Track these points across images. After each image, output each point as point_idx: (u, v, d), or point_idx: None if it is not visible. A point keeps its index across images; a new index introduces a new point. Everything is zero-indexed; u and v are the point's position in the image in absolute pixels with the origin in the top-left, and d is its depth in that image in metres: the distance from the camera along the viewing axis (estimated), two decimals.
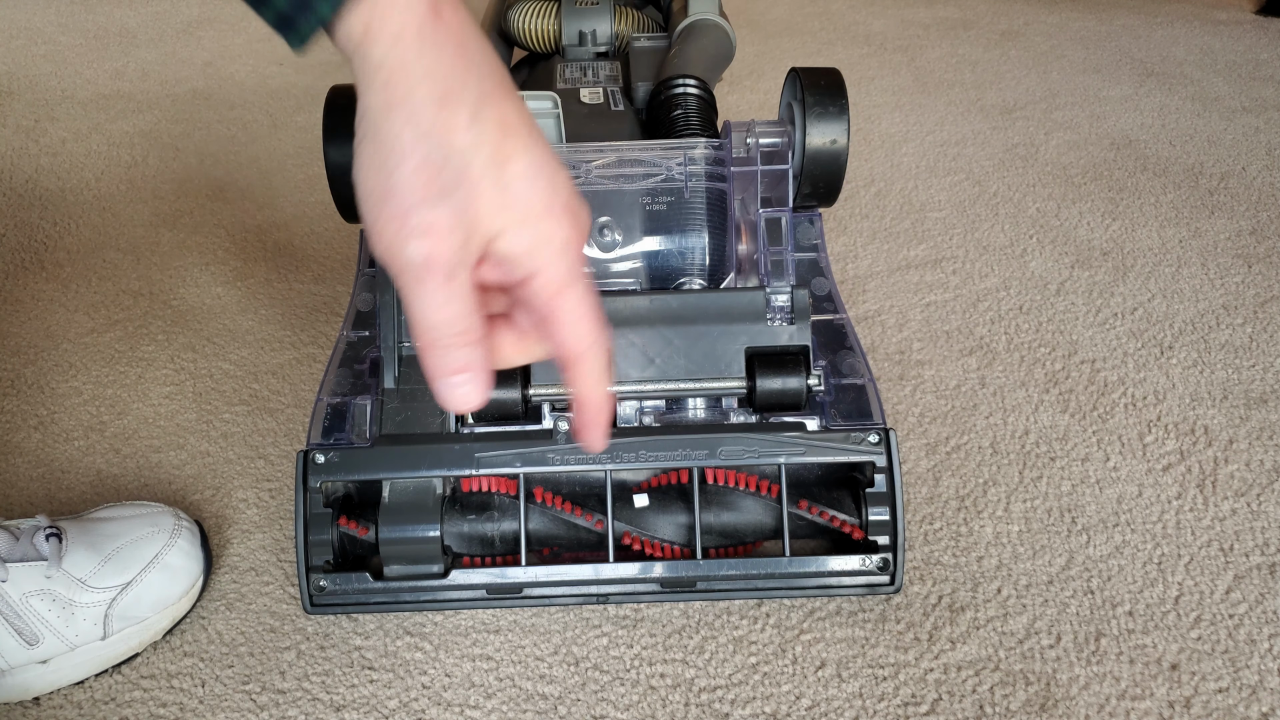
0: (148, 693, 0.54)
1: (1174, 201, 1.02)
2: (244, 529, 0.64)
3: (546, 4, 1.03)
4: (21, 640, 0.52)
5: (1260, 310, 0.84)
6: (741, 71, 1.38)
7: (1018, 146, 1.14)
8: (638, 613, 0.58)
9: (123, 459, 0.70)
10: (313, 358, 0.80)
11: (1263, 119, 1.20)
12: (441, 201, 0.33)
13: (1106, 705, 0.52)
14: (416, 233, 0.33)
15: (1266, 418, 0.72)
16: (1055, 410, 0.73)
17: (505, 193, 0.34)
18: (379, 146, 0.33)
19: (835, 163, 0.64)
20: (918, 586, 0.59)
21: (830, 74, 0.65)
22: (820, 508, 0.58)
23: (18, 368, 0.80)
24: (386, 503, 0.56)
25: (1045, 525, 0.63)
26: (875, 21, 1.59)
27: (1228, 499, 0.65)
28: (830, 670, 0.54)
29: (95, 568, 0.54)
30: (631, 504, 0.58)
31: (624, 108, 0.82)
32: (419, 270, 0.33)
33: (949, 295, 0.87)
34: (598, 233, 0.64)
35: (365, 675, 0.55)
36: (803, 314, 0.59)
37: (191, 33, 1.61)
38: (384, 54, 0.32)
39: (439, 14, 0.33)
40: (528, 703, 0.53)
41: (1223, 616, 0.57)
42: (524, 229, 0.34)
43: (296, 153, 1.16)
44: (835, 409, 0.59)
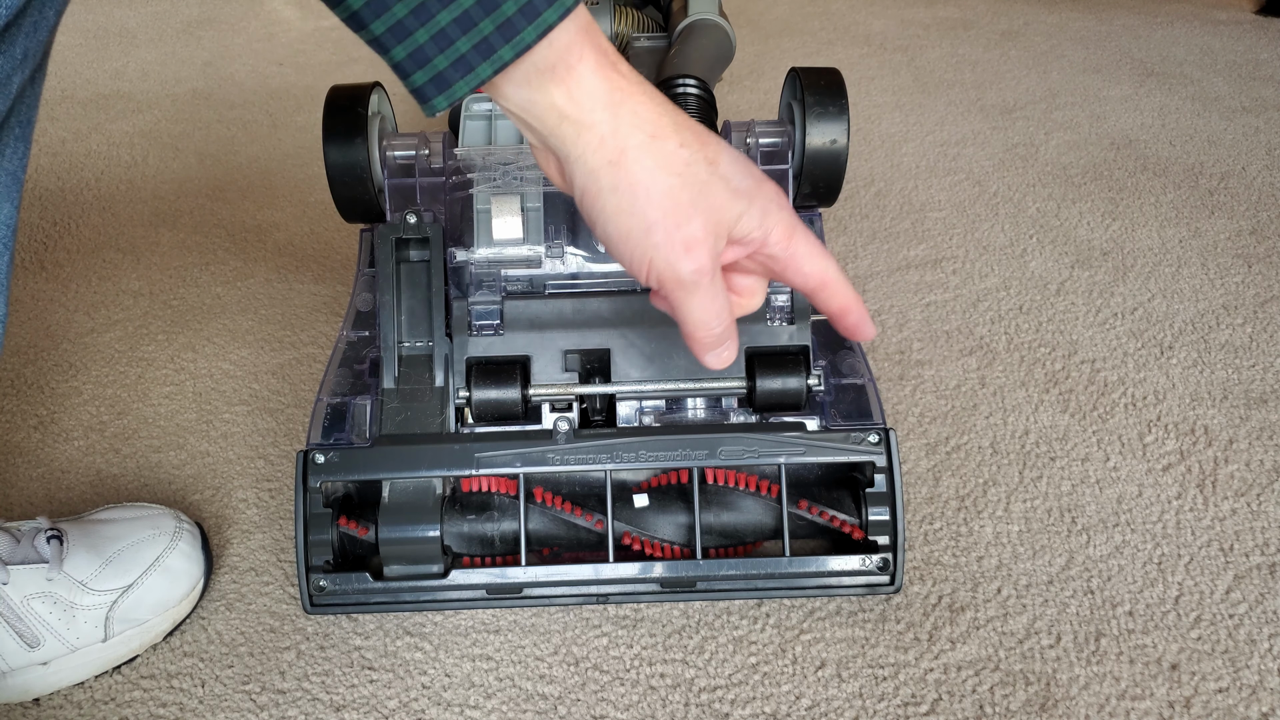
0: (148, 693, 0.54)
1: (1174, 201, 1.02)
2: (244, 529, 0.64)
3: None
4: (22, 642, 0.52)
5: (1260, 310, 0.84)
6: (741, 71, 1.38)
7: (1018, 146, 1.14)
8: (638, 613, 0.58)
9: (123, 459, 0.70)
10: (313, 358, 0.80)
11: (1263, 119, 1.20)
12: (694, 216, 0.39)
13: (1106, 705, 0.52)
14: (684, 249, 0.39)
15: (1266, 418, 0.72)
16: (1055, 410, 0.73)
17: (728, 185, 0.40)
18: (621, 194, 0.39)
19: (835, 163, 0.64)
20: (918, 586, 0.59)
21: (830, 74, 0.65)
22: (820, 508, 0.58)
23: (18, 368, 0.80)
24: (386, 503, 0.56)
25: (1045, 525, 0.63)
26: (875, 21, 1.59)
27: (1228, 499, 0.65)
28: (830, 670, 0.54)
29: (96, 570, 0.54)
30: (631, 504, 0.58)
31: None
32: (693, 281, 0.40)
33: (949, 295, 0.87)
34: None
35: (365, 675, 0.55)
36: (802, 314, 0.59)
37: (191, 33, 1.61)
38: (593, 112, 0.38)
39: (618, 67, 0.39)
40: (528, 703, 0.53)
41: (1223, 616, 0.57)
42: (752, 207, 0.40)
43: (296, 153, 1.16)
44: (835, 409, 0.59)
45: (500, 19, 0.35)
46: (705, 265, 0.39)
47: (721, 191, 0.39)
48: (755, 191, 0.41)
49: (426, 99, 0.37)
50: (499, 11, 0.35)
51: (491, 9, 0.35)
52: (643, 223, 0.39)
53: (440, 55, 0.36)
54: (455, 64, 0.36)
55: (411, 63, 0.37)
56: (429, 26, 0.36)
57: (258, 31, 1.62)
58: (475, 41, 0.36)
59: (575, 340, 0.59)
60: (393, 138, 0.65)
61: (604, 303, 0.59)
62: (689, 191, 0.39)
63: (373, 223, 0.68)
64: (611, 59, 0.38)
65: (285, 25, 1.65)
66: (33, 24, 0.36)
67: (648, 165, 0.38)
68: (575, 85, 0.37)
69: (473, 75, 0.36)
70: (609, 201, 0.39)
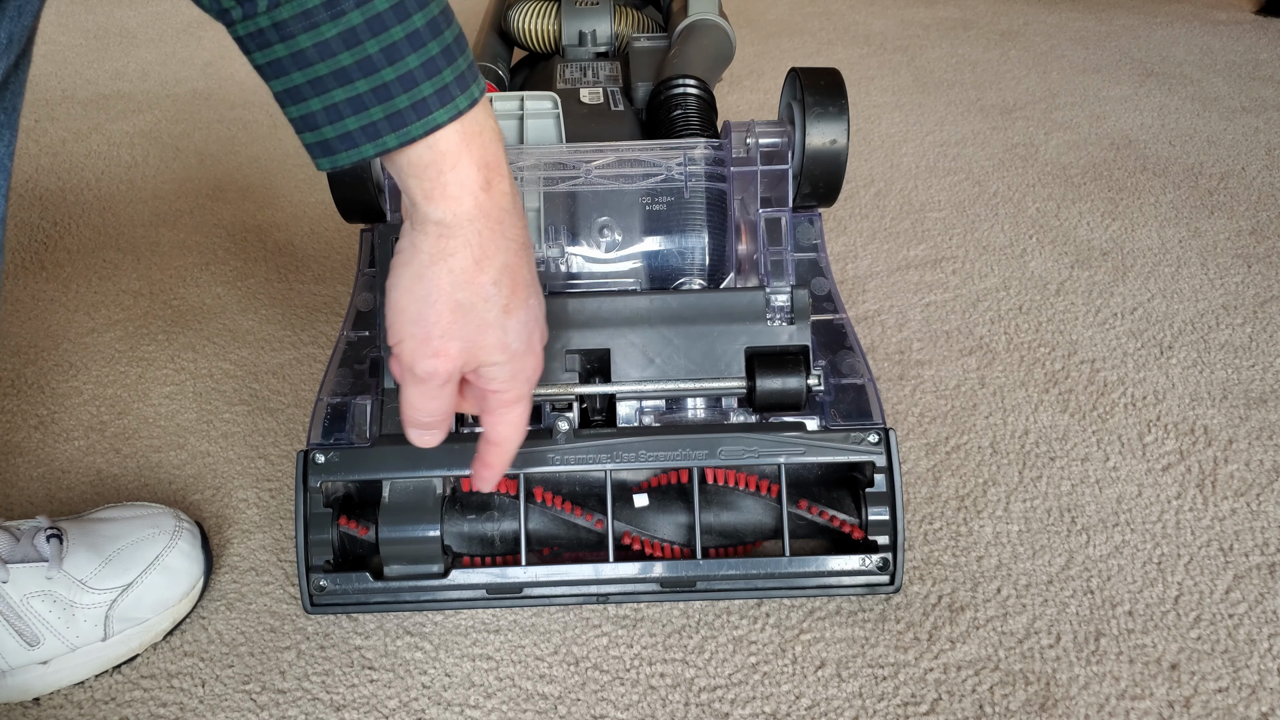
0: (148, 693, 0.54)
1: (1174, 201, 1.02)
2: (244, 529, 0.64)
3: (546, 4, 1.03)
4: (22, 641, 0.52)
5: (1260, 310, 0.84)
6: (741, 71, 1.38)
7: (1017, 146, 1.14)
8: (638, 612, 0.58)
9: (123, 459, 0.70)
10: (313, 358, 0.80)
11: (1262, 119, 1.20)
12: (457, 336, 0.42)
13: (1106, 705, 0.52)
14: (431, 353, 0.42)
15: (1266, 417, 0.72)
16: (1055, 410, 0.73)
17: (504, 336, 0.43)
18: (421, 282, 0.41)
19: (835, 163, 0.64)
20: (917, 586, 0.59)
21: (830, 74, 0.65)
22: (820, 507, 0.58)
23: (18, 368, 0.80)
24: (386, 503, 0.56)
25: (1045, 525, 0.63)
26: (875, 21, 1.59)
27: (1227, 499, 0.65)
28: (830, 670, 0.54)
29: (96, 569, 0.54)
30: (631, 504, 0.58)
31: (624, 108, 0.82)
32: (424, 379, 0.43)
33: (949, 295, 0.87)
34: (597, 233, 0.64)
35: (365, 675, 0.55)
36: (802, 314, 0.59)
37: (191, 33, 1.61)
38: (441, 216, 0.40)
39: (490, 188, 0.40)
40: (528, 702, 0.53)
41: (1222, 616, 0.57)
42: (509, 364, 0.44)
43: (297, 152, 1.16)
44: (835, 409, 0.59)
45: (391, 109, 0.37)
46: (440, 373, 0.42)
47: (495, 337, 0.43)
48: (520, 357, 0.44)
49: (313, 157, 0.39)
50: (391, 102, 0.37)
51: (384, 98, 0.37)
52: (419, 313, 0.42)
53: (329, 126, 0.38)
54: (341, 137, 0.38)
55: (302, 124, 0.38)
56: (323, 98, 0.37)
57: None
58: (364, 124, 0.37)
59: (575, 340, 0.59)
60: None
61: (604, 303, 0.59)
62: (470, 320, 0.42)
63: (373, 223, 0.68)
64: (488, 176, 0.40)
65: None
66: (16, 9, 0.36)
67: (456, 281, 0.41)
68: (443, 189, 0.39)
69: (355, 151, 0.38)
70: (410, 276, 0.42)
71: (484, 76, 0.90)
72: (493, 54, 1.01)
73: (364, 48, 0.36)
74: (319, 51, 0.36)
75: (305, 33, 0.35)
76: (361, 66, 0.36)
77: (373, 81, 0.36)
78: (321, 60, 0.36)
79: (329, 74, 0.36)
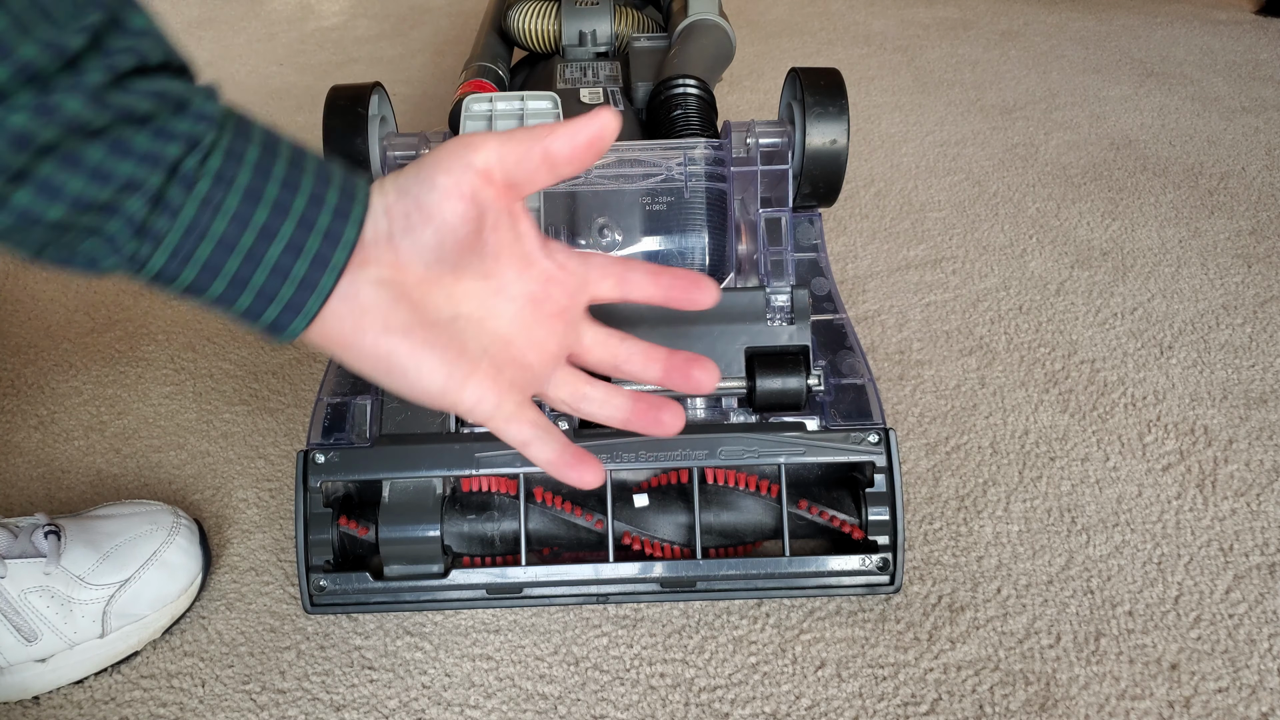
0: (148, 692, 0.54)
1: (1174, 201, 1.02)
2: (244, 529, 0.64)
3: (546, 4, 1.03)
4: (20, 637, 0.52)
5: (1260, 310, 0.84)
6: (741, 71, 1.38)
7: (1017, 146, 1.14)
8: (638, 613, 0.58)
9: (123, 459, 0.70)
10: (313, 358, 0.80)
11: (1262, 119, 1.20)
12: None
13: (1106, 705, 0.52)
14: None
15: (1266, 418, 0.72)
16: (1055, 410, 0.73)
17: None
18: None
19: (835, 163, 0.64)
20: (917, 586, 0.59)
21: (830, 74, 0.65)
22: (820, 508, 0.58)
23: (18, 368, 0.80)
24: (386, 503, 0.56)
25: (1045, 525, 0.63)
26: (875, 21, 1.59)
27: (1227, 499, 0.65)
28: (830, 670, 0.54)
29: (94, 565, 0.54)
30: (631, 504, 0.58)
31: (624, 108, 0.82)
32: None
33: (949, 295, 0.87)
34: (597, 233, 0.64)
35: (365, 675, 0.55)
36: (803, 314, 0.59)
37: (191, 33, 1.61)
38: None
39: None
40: (528, 703, 0.53)
41: (1222, 616, 0.57)
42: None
43: None
44: (835, 409, 0.59)
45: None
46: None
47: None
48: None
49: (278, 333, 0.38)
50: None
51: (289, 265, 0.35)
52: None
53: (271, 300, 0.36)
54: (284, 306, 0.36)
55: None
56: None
57: (258, 31, 1.62)
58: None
59: None
60: (393, 138, 0.65)
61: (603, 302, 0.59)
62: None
63: None
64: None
65: (285, 25, 1.65)
66: None
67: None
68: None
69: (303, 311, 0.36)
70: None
71: (484, 77, 0.90)
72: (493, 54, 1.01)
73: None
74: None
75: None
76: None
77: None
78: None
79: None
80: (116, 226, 0.32)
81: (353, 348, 0.37)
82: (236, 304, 0.35)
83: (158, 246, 0.33)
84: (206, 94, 0.34)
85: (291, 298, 0.35)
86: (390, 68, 1.44)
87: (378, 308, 0.36)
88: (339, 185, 0.36)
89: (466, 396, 0.39)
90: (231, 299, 0.35)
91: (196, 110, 0.33)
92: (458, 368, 0.38)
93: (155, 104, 0.32)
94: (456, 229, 0.37)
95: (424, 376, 0.38)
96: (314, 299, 0.35)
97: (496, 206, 0.38)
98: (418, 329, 0.37)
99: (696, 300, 0.42)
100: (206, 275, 0.34)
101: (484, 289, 0.39)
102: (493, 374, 0.39)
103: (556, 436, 0.41)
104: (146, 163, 0.32)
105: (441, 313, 0.38)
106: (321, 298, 0.35)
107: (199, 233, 0.33)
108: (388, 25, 1.65)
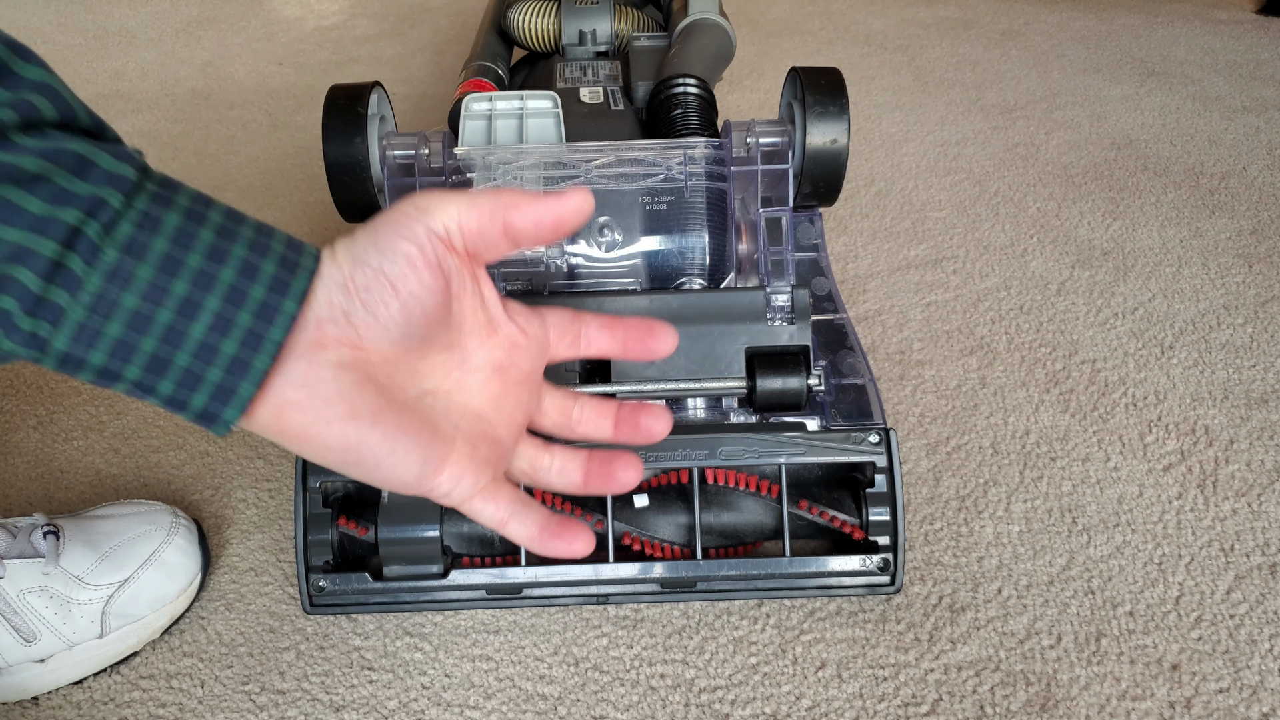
0: (147, 693, 0.54)
1: (1175, 201, 1.01)
2: (243, 529, 0.64)
3: (546, 3, 1.03)
4: (19, 637, 0.52)
5: (1261, 310, 0.84)
6: (741, 71, 1.38)
7: (1018, 146, 1.14)
8: (638, 613, 0.58)
9: (122, 459, 0.70)
10: None
11: (1263, 118, 1.20)
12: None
13: (1107, 705, 0.52)
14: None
15: (1267, 418, 0.72)
16: (1056, 410, 0.73)
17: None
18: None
19: (835, 162, 0.64)
20: (918, 587, 0.59)
21: (830, 73, 0.65)
22: (820, 508, 0.58)
23: (17, 367, 0.80)
24: (386, 503, 0.56)
25: (1046, 525, 0.63)
26: (875, 21, 1.59)
27: (1228, 499, 0.65)
28: (830, 671, 0.54)
29: (92, 565, 0.54)
30: (631, 504, 0.58)
31: (624, 107, 0.82)
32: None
33: (949, 295, 0.87)
34: (598, 232, 0.64)
35: (365, 675, 0.54)
36: (803, 314, 0.59)
37: (191, 33, 1.61)
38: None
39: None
40: (528, 703, 0.53)
41: (1223, 617, 0.57)
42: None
43: (296, 153, 1.16)
44: (835, 409, 0.59)
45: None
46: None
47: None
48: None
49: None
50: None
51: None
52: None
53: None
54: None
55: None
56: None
57: (258, 31, 1.62)
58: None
59: None
60: (392, 137, 0.65)
61: (604, 303, 0.59)
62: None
63: None
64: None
65: (285, 25, 1.65)
66: None
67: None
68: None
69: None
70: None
71: (484, 76, 0.90)
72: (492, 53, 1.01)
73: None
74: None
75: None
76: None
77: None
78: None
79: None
80: (8, 303, 0.28)
81: (314, 440, 0.33)
82: (157, 390, 0.31)
83: (58, 324, 0.29)
84: (117, 155, 0.30)
85: (220, 382, 0.31)
86: (390, 67, 1.44)
87: (341, 394, 0.33)
88: (278, 256, 0.32)
89: (443, 481, 0.36)
90: (150, 385, 0.31)
91: (102, 171, 0.29)
92: (433, 451, 0.35)
93: (46, 164, 0.29)
94: (424, 301, 0.33)
95: (398, 464, 0.35)
96: (245, 384, 0.31)
97: (461, 274, 0.35)
98: (387, 412, 0.34)
99: (653, 349, 0.40)
100: (119, 358, 0.30)
101: (449, 361, 0.36)
102: (468, 452, 0.37)
103: (535, 510, 0.39)
104: (38, 229, 0.28)
105: (408, 392, 0.35)
106: (254, 382, 0.31)
107: (106, 308, 0.29)
108: (387, 25, 1.64)
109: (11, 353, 0.30)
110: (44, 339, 0.29)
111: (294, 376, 0.32)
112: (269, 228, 0.33)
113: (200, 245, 0.31)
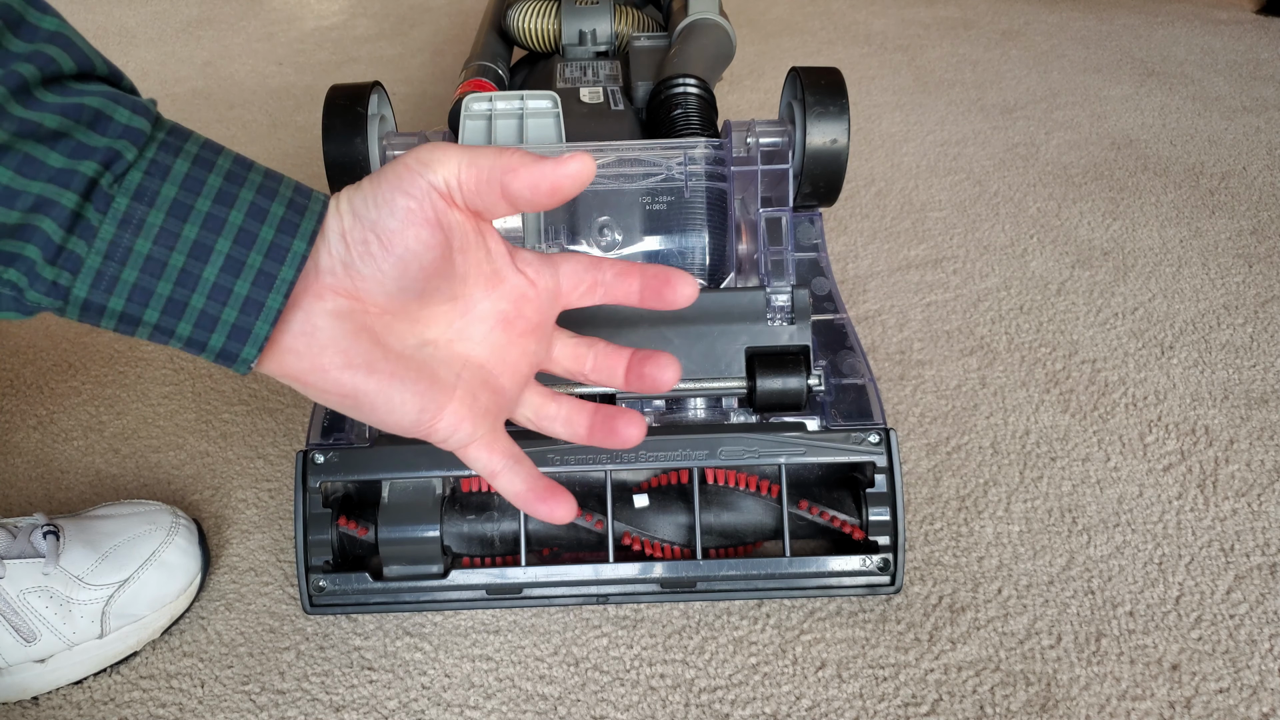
0: (147, 693, 0.54)
1: (1175, 201, 1.01)
2: (243, 529, 0.64)
3: (546, 3, 1.03)
4: (19, 637, 0.52)
5: (1261, 310, 0.84)
6: (741, 71, 1.38)
7: (1018, 146, 1.14)
8: (638, 613, 0.58)
9: (122, 459, 0.70)
10: None
11: (1263, 118, 1.20)
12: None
13: (1107, 706, 0.52)
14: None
15: (1267, 418, 0.72)
16: (1056, 410, 0.73)
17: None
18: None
19: (835, 162, 0.64)
20: (918, 587, 0.59)
21: (830, 73, 0.65)
22: (820, 508, 0.58)
23: (17, 368, 0.80)
24: (386, 503, 0.56)
25: (1046, 525, 0.63)
26: (875, 21, 1.59)
27: (1228, 499, 0.65)
28: (830, 671, 0.54)
29: (92, 565, 0.54)
30: (631, 504, 0.58)
31: (624, 107, 0.82)
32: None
33: (949, 295, 0.87)
34: (597, 232, 0.64)
35: (365, 675, 0.54)
36: (803, 314, 0.59)
37: (191, 32, 1.61)
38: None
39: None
40: (528, 703, 0.53)
41: (1223, 617, 0.57)
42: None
43: (296, 152, 1.16)
44: (835, 409, 0.59)
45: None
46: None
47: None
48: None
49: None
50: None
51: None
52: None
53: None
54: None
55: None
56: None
57: (258, 31, 1.62)
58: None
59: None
60: (392, 137, 0.65)
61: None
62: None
63: None
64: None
65: (285, 25, 1.65)
66: None
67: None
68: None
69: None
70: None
71: (484, 76, 0.90)
72: (493, 53, 1.01)
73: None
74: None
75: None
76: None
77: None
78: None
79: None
80: (32, 252, 0.30)
81: (314, 386, 0.34)
82: (177, 332, 0.32)
83: (78, 272, 0.30)
84: (133, 106, 0.31)
85: (236, 322, 0.32)
86: (390, 67, 1.44)
87: (336, 343, 0.33)
88: (287, 199, 0.33)
89: (441, 427, 0.37)
90: (169, 328, 0.32)
91: (119, 125, 0.31)
92: (431, 399, 0.36)
93: (66, 120, 0.30)
94: (421, 255, 0.34)
95: (395, 411, 0.35)
96: (261, 323, 0.32)
97: (464, 227, 0.35)
98: (382, 362, 0.35)
99: (670, 298, 0.39)
100: (137, 302, 0.31)
101: (451, 311, 0.37)
102: (468, 401, 0.37)
103: (527, 468, 0.39)
104: (58, 181, 0.29)
105: (406, 342, 0.36)
106: (270, 320, 0.32)
107: (121, 254, 0.30)
108: (387, 25, 1.64)
109: (37, 303, 0.31)
110: (65, 287, 0.30)
111: (293, 325, 0.33)
112: (278, 174, 0.34)
113: (208, 190, 0.32)
